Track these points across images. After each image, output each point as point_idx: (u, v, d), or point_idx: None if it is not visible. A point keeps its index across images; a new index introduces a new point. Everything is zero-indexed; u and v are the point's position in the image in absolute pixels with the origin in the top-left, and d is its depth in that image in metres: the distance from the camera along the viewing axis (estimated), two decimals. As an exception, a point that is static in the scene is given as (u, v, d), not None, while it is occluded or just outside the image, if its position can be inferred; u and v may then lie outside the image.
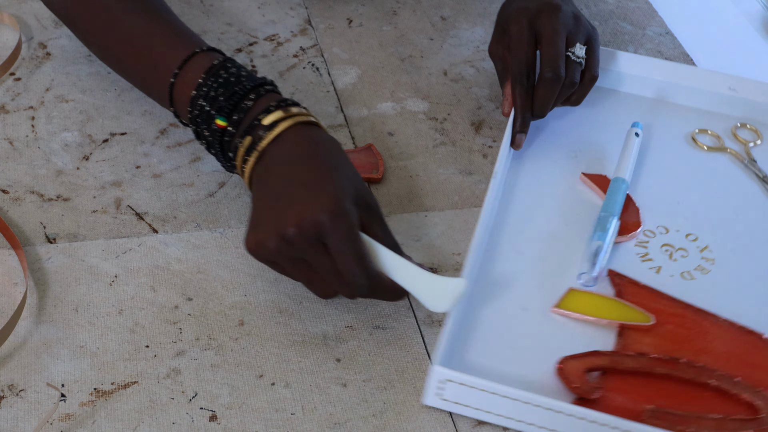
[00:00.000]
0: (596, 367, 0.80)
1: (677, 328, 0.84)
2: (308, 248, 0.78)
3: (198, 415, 0.77)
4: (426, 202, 0.96)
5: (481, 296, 0.86)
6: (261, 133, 0.82)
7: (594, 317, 0.83)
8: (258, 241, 0.79)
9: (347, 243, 0.77)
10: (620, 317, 0.83)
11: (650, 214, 0.94)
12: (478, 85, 1.09)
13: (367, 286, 0.79)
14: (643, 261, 0.90)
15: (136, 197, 0.93)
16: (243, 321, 0.84)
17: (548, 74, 0.94)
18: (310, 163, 0.80)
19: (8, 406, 0.77)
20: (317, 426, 0.77)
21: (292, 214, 0.77)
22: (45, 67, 1.05)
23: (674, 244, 0.91)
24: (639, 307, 0.84)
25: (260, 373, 0.81)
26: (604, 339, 0.83)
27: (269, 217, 0.79)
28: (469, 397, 0.78)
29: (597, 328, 0.84)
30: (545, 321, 0.85)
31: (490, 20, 1.18)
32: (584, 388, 0.79)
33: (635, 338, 0.82)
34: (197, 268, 0.88)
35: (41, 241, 0.88)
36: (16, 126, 0.99)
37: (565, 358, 0.81)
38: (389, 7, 1.19)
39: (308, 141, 0.82)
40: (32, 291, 0.84)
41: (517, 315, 0.85)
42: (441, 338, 0.79)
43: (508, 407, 0.77)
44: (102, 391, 0.78)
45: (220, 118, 0.83)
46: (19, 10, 1.11)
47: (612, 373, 0.80)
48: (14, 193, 0.92)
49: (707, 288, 0.88)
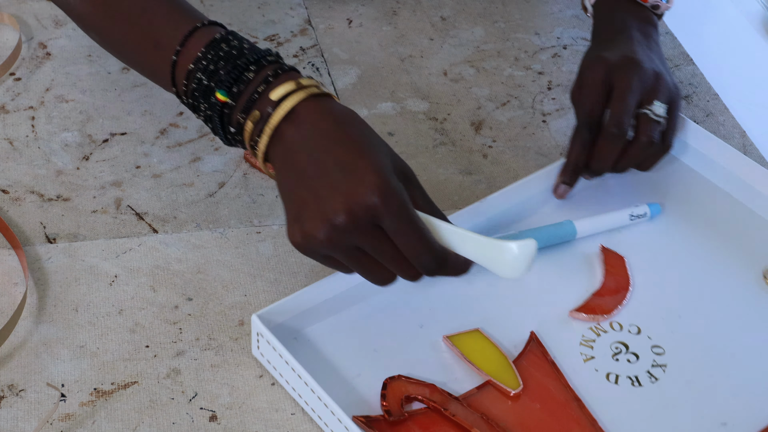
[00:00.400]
0: (421, 399, 0.77)
1: (539, 411, 0.78)
2: (363, 234, 0.72)
3: (198, 415, 0.77)
4: (426, 202, 0.96)
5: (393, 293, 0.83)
6: (269, 109, 0.76)
7: (470, 361, 0.80)
8: (306, 234, 0.73)
9: (405, 222, 0.72)
10: (491, 373, 0.79)
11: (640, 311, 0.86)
12: (478, 85, 1.09)
13: (434, 264, 0.74)
14: (582, 344, 0.83)
15: (136, 197, 0.93)
16: (243, 321, 0.84)
17: (612, 130, 0.89)
18: (339, 141, 0.74)
19: (8, 406, 0.77)
20: (317, 426, 0.77)
21: (339, 200, 0.71)
22: (45, 67, 1.05)
23: (630, 346, 0.83)
24: (517, 372, 0.80)
25: (260, 373, 0.81)
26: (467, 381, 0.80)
27: (313, 206, 0.72)
28: (276, 360, 0.78)
29: (469, 370, 0.81)
30: (426, 342, 0.82)
31: (491, 20, 1.18)
32: (391, 408, 0.76)
33: (493, 395, 0.79)
34: (197, 268, 0.88)
35: (41, 241, 0.88)
36: (16, 126, 0.99)
37: (399, 376, 0.78)
38: (389, 7, 1.19)
39: (329, 116, 0.75)
40: (32, 291, 0.84)
41: (408, 327, 0.83)
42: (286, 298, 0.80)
43: (299, 386, 0.77)
44: (102, 391, 0.78)
45: (221, 91, 0.77)
46: (19, 10, 1.11)
47: (432, 413, 0.77)
48: (14, 193, 0.92)
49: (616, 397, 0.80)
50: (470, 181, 0.98)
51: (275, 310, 0.80)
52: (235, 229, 0.91)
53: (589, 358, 0.82)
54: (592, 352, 0.83)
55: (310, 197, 0.73)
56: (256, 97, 0.76)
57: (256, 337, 0.79)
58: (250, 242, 0.90)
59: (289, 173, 0.75)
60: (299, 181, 0.74)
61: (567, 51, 1.15)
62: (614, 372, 0.82)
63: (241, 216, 0.92)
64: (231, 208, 0.93)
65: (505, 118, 1.06)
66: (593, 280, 0.88)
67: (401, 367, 0.80)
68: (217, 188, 0.95)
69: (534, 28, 1.18)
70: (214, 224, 0.92)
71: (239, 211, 0.93)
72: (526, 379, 0.80)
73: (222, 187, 0.95)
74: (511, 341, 0.83)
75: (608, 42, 0.96)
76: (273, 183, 0.96)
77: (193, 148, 0.98)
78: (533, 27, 1.18)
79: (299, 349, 0.79)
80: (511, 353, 0.82)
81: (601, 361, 0.82)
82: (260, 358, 0.80)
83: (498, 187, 0.96)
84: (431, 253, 0.73)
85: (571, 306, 0.86)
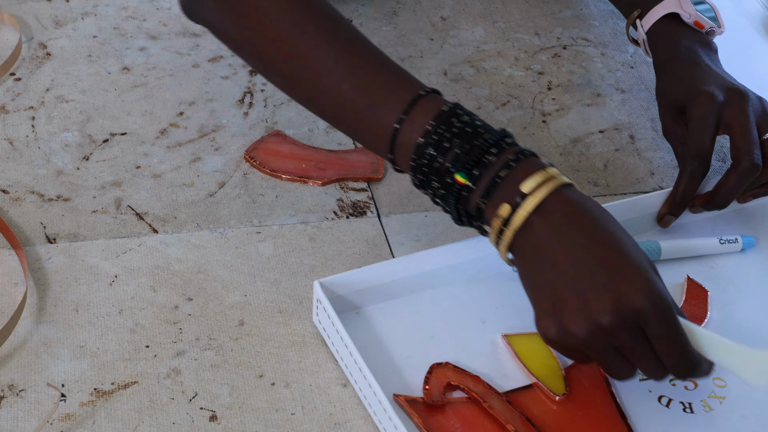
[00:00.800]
0: (463, 388, 0.78)
1: (581, 419, 0.79)
2: (625, 336, 0.72)
3: (198, 415, 0.77)
4: (426, 202, 0.96)
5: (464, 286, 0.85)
6: (518, 199, 0.74)
7: (521, 362, 0.81)
8: (564, 330, 0.72)
9: (670, 328, 0.72)
10: (539, 376, 0.80)
11: None
12: (478, 85, 1.09)
13: (687, 370, 0.74)
14: None
15: (136, 197, 0.93)
16: (243, 321, 0.84)
17: (746, 163, 0.89)
18: (597, 238, 0.73)
19: (8, 406, 0.77)
20: (317, 426, 0.77)
21: (605, 301, 0.71)
22: (45, 67, 1.05)
23: None
24: (565, 379, 0.81)
25: (260, 373, 0.81)
26: (514, 380, 0.81)
27: (573, 303, 0.72)
28: (330, 329, 0.79)
29: (518, 369, 0.82)
30: (485, 338, 0.83)
31: (491, 20, 1.18)
32: (431, 393, 0.78)
33: (537, 398, 0.80)
34: (197, 268, 0.88)
35: (41, 241, 0.88)
36: (16, 126, 0.99)
37: (447, 363, 0.80)
38: (389, 7, 1.19)
39: (580, 209, 0.74)
40: (32, 291, 0.84)
41: (471, 321, 0.84)
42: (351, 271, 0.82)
43: (347, 360, 0.78)
44: (102, 391, 0.78)
45: (461, 174, 0.75)
46: (19, 10, 1.11)
47: (471, 404, 0.78)
48: (14, 193, 0.92)
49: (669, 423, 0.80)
50: (470, 181, 0.98)
51: (338, 281, 0.81)
52: (235, 229, 0.91)
53: (644, 378, 0.82)
54: None
55: (569, 294, 0.72)
56: (498, 181, 0.75)
57: (316, 304, 0.81)
58: (250, 242, 0.90)
59: (539, 265, 0.74)
60: (555, 275, 0.73)
61: (567, 51, 1.15)
62: (668, 395, 0.81)
63: (241, 216, 0.92)
64: (231, 208, 0.93)
65: (505, 118, 1.06)
66: None
67: (453, 356, 0.81)
68: (217, 188, 0.95)
69: (534, 28, 1.18)
70: (214, 224, 0.92)
71: (239, 211, 0.93)
72: (573, 387, 0.80)
73: (222, 187, 0.95)
74: None
75: (686, 72, 0.96)
76: (273, 183, 0.96)
77: (193, 148, 0.98)
78: (533, 27, 1.18)
79: (357, 324, 0.81)
80: (565, 361, 0.82)
81: (658, 384, 0.82)
82: (318, 325, 0.82)
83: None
84: (688, 359, 0.73)
85: None
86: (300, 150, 0.99)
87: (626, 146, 1.04)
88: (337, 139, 1.01)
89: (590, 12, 1.21)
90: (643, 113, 1.08)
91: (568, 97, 1.09)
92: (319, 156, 0.99)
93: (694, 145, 0.91)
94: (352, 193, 0.96)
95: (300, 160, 0.98)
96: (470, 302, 0.86)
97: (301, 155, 0.99)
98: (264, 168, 0.96)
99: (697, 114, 0.92)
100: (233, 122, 1.01)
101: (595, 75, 1.12)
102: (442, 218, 0.94)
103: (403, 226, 0.93)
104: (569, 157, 1.02)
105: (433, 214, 0.95)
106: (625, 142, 1.05)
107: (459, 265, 0.86)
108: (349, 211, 0.94)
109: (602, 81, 1.12)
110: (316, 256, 0.90)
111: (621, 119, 1.07)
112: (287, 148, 0.99)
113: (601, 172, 1.01)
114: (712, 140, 0.91)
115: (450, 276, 0.86)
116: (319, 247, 0.91)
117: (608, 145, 1.04)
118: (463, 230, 0.93)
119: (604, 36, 1.18)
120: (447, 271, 0.86)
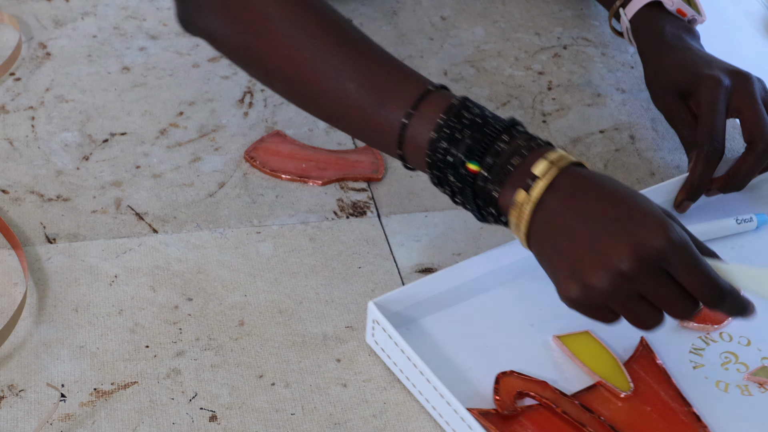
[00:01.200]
0: (533, 396, 0.79)
1: (650, 414, 0.79)
2: (649, 278, 0.72)
3: (198, 415, 0.77)
4: (426, 202, 0.96)
5: (505, 291, 0.86)
6: (529, 181, 0.75)
7: (580, 362, 0.82)
8: (587, 286, 0.72)
9: (693, 259, 0.72)
10: (602, 374, 0.81)
11: (749, 324, 0.84)
12: (478, 85, 1.09)
13: (719, 294, 0.73)
14: (691, 352, 0.84)
15: (136, 197, 0.93)
16: (243, 321, 0.84)
17: (762, 146, 0.92)
18: (608, 199, 0.74)
19: (8, 406, 0.77)
20: (317, 426, 0.77)
21: (623, 248, 0.71)
22: (45, 67, 1.05)
23: (740, 357, 0.84)
24: (627, 374, 0.81)
25: (260, 373, 0.80)
26: (577, 381, 0.81)
27: (591, 259, 0.72)
28: (390, 349, 0.79)
29: (579, 370, 0.82)
30: (536, 341, 0.83)
31: (491, 20, 1.18)
32: (503, 403, 0.78)
33: (603, 396, 0.80)
34: (197, 268, 0.88)
35: (41, 241, 0.88)
36: (16, 126, 0.99)
37: (512, 372, 0.80)
38: (389, 7, 1.19)
39: (590, 181, 0.75)
40: (32, 291, 0.84)
41: (519, 325, 0.85)
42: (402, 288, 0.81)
43: (413, 375, 0.78)
44: (102, 391, 0.78)
45: (473, 162, 0.76)
46: (19, 10, 1.11)
47: (544, 410, 0.78)
48: (14, 193, 0.92)
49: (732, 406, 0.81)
50: (470, 181, 0.98)
51: (391, 299, 0.81)
52: (234, 229, 0.91)
53: (698, 365, 0.83)
54: (702, 360, 0.84)
55: (586, 253, 0.72)
56: (510, 169, 0.75)
57: (372, 325, 0.81)
58: (249, 242, 0.90)
59: (555, 238, 0.74)
60: (570, 241, 0.73)
61: (567, 51, 1.15)
62: (724, 380, 0.82)
63: (240, 216, 0.92)
64: (231, 208, 0.93)
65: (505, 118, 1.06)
66: None
67: (512, 364, 0.81)
68: (217, 188, 0.95)
69: (534, 28, 1.18)
70: (214, 224, 0.92)
71: (239, 211, 0.93)
72: (635, 382, 0.81)
73: (222, 187, 0.95)
74: (621, 345, 0.84)
75: (684, 57, 0.97)
76: (273, 183, 0.96)
77: (193, 148, 0.98)
78: (533, 27, 1.18)
79: (412, 339, 0.80)
80: (620, 356, 0.83)
81: (711, 370, 0.83)
82: (374, 346, 0.82)
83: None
84: (717, 285, 0.73)
85: None
86: (300, 150, 0.99)
87: (626, 146, 1.04)
88: (337, 139, 1.01)
89: (590, 12, 1.21)
90: (643, 113, 1.08)
91: (568, 97, 1.09)
92: (319, 156, 0.99)
93: (707, 129, 0.92)
94: (352, 193, 0.96)
95: (300, 160, 0.98)
96: (514, 306, 0.86)
97: (301, 155, 0.99)
98: (264, 168, 0.96)
99: (707, 98, 0.93)
100: (233, 122, 1.01)
101: (595, 75, 1.12)
102: (442, 218, 0.94)
103: (403, 226, 0.93)
104: (569, 157, 1.02)
105: (433, 214, 0.95)
106: (625, 142, 1.05)
107: (498, 271, 0.86)
108: (349, 211, 0.94)
109: (602, 81, 1.12)
110: (316, 256, 0.90)
111: (621, 119, 1.07)
112: (287, 148, 0.99)
113: (601, 172, 1.01)
114: (724, 123, 0.93)
115: (490, 282, 0.86)
116: (319, 247, 0.91)
117: (608, 145, 1.04)
118: (463, 231, 0.93)
119: (604, 36, 1.18)
120: (488, 277, 0.86)
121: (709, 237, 0.93)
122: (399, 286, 0.87)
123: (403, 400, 0.80)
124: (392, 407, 0.79)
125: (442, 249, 0.91)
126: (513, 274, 0.87)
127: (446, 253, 0.91)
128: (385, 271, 0.89)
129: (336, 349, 0.83)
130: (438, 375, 0.76)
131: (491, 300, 0.86)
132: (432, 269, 0.89)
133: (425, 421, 0.79)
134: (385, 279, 0.88)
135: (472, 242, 0.92)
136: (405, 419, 0.79)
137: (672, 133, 1.06)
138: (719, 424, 0.79)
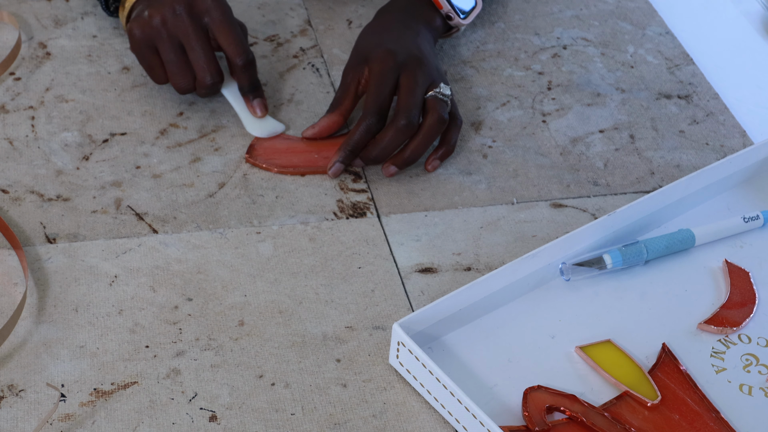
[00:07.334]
0: (563, 410, 0.79)
1: (678, 422, 0.80)
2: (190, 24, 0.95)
3: (198, 415, 0.77)
4: (426, 202, 0.96)
5: (523, 303, 0.86)
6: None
7: (606, 372, 0.81)
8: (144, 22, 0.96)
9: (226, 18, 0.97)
10: (629, 384, 0.81)
11: (767, 324, 0.87)
12: (478, 85, 1.09)
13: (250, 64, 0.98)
14: (712, 356, 0.85)
15: (136, 197, 0.93)
16: (243, 321, 0.84)
17: (402, 120, 0.95)
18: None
19: (8, 406, 0.77)
20: (317, 426, 0.77)
21: None
22: (45, 67, 1.05)
23: (761, 358, 0.85)
24: (653, 383, 0.81)
25: (260, 374, 0.81)
26: (603, 392, 0.81)
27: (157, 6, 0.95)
28: (416, 369, 0.78)
29: (604, 381, 0.82)
30: (559, 353, 0.83)
31: (491, 20, 1.18)
32: (534, 420, 0.77)
33: (631, 406, 0.80)
34: (197, 268, 0.88)
35: (41, 241, 0.88)
36: (16, 126, 0.99)
37: (539, 386, 0.80)
38: (389, 7, 1.19)
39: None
40: (32, 291, 0.84)
41: (540, 338, 0.84)
42: (425, 308, 0.81)
43: (442, 395, 0.77)
44: (102, 391, 0.78)
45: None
46: (19, 9, 1.11)
47: (574, 424, 0.78)
48: (14, 193, 0.92)
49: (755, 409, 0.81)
50: (470, 181, 0.98)
51: (414, 319, 0.80)
52: (234, 230, 0.91)
53: (720, 369, 0.83)
54: (724, 363, 0.84)
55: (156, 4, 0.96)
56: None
57: (396, 346, 0.80)
58: (249, 242, 0.90)
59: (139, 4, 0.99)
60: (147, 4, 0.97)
61: (567, 51, 1.15)
62: (747, 383, 0.82)
63: (240, 216, 0.92)
64: (231, 208, 0.93)
65: (505, 118, 1.06)
66: (719, 294, 0.89)
67: (537, 378, 0.81)
68: (217, 188, 0.95)
69: (534, 28, 1.18)
70: (213, 224, 0.92)
71: (239, 211, 0.93)
72: (662, 390, 0.81)
73: (222, 187, 0.95)
74: (642, 353, 0.84)
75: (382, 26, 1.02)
76: (273, 183, 0.96)
77: (193, 148, 0.98)
78: (533, 27, 1.18)
79: (436, 358, 0.80)
80: (644, 364, 0.82)
81: (733, 373, 0.83)
82: (398, 367, 0.81)
83: (497, 187, 0.96)
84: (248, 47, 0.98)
85: (698, 319, 0.86)
86: (300, 144, 0.99)
87: (626, 146, 1.04)
88: (337, 139, 1.01)
89: (590, 12, 1.21)
90: (643, 113, 1.08)
91: (568, 97, 1.09)
92: (319, 146, 0.99)
93: (372, 100, 0.97)
94: (352, 194, 0.96)
95: (303, 153, 0.98)
96: (533, 319, 0.86)
97: (302, 148, 0.99)
98: (271, 167, 0.96)
99: (377, 70, 0.98)
100: (233, 122, 1.01)
101: (595, 75, 1.12)
102: (442, 218, 0.94)
103: (403, 226, 0.93)
104: (569, 157, 1.02)
105: (433, 214, 0.95)
106: (625, 142, 1.05)
107: (514, 284, 0.86)
108: (349, 211, 0.94)
109: (602, 81, 1.12)
110: (316, 257, 0.90)
111: (621, 119, 1.08)
112: (287, 144, 0.99)
113: (601, 171, 1.01)
114: (389, 98, 0.97)
115: (507, 295, 0.86)
116: (319, 247, 0.91)
117: (608, 145, 1.04)
118: (463, 231, 0.93)
119: (604, 36, 1.18)
120: (504, 291, 0.86)
121: (717, 237, 0.93)
122: (399, 286, 0.87)
123: (403, 400, 0.80)
124: (392, 407, 0.79)
125: (442, 249, 0.92)
126: (529, 286, 0.87)
127: (446, 252, 0.91)
128: (385, 271, 0.89)
129: (336, 349, 0.83)
130: (467, 394, 0.76)
131: (509, 313, 0.86)
132: (432, 269, 0.90)
133: (425, 421, 0.79)
134: (385, 279, 0.89)
135: (472, 242, 0.92)
136: (405, 419, 0.79)
137: (672, 133, 1.06)
138: (747, 429, 0.79)
